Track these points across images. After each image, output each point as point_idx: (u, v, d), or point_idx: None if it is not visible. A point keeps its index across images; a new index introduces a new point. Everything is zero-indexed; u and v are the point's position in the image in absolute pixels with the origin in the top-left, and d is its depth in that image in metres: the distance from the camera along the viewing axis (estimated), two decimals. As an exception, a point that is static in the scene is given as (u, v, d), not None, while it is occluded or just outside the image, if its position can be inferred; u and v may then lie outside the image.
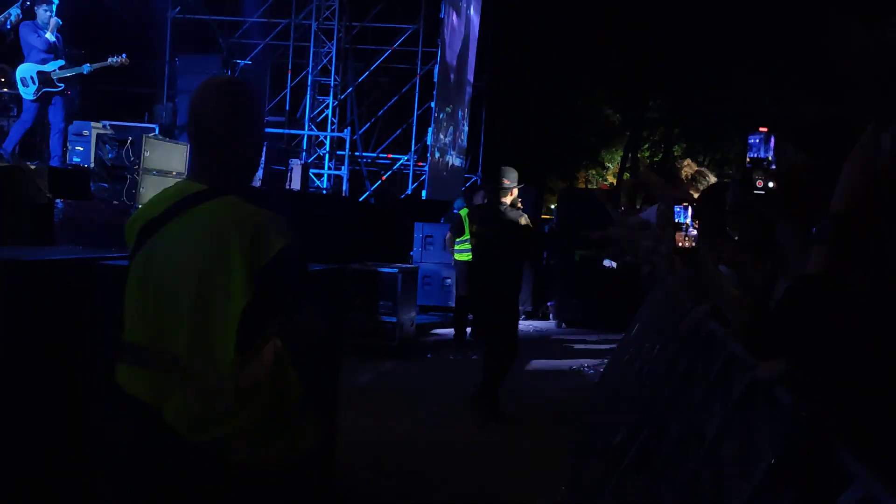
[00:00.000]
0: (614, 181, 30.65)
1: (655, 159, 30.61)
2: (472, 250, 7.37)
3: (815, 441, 1.46)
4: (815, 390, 1.51)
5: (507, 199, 6.89)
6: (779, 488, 1.58)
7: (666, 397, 4.29)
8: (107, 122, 11.23)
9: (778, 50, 22.08)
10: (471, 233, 7.57)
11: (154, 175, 8.06)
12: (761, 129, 1.78)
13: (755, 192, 1.70)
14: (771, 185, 1.71)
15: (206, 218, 2.22)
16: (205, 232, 2.20)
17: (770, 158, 1.73)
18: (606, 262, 7.95)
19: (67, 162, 9.56)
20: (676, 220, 3.35)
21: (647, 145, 31.42)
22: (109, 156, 7.57)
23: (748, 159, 1.77)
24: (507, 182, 6.91)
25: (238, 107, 2.29)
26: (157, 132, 11.86)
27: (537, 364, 9.39)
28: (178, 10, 16.42)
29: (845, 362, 1.33)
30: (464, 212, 11.10)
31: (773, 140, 1.76)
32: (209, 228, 2.20)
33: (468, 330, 10.48)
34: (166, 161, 8.44)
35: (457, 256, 10.90)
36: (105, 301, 3.76)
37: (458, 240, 10.79)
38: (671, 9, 23.97)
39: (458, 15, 17.69)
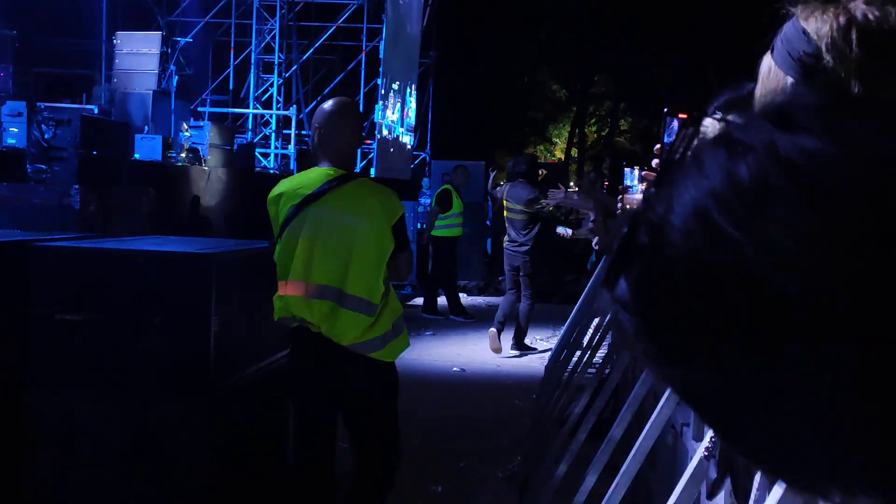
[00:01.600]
0: (562, 156, 30.80)
1: (602, 133, 30.83)
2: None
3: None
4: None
5: None
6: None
7: (620, 364, 4.30)
8: (42, 104, 10.86)
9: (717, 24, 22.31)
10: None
11: (94, 156, 7.82)
12: (680, 115, 1.76)
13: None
14: None
15: (354, 193, 3.35)
16: (355, 202, 3.32)
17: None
18: (560, 230, 7.99)
19: (1, 144, 9.23)
20: (625, 184, 3.50)
21: (593, 120, 31.62)
22: (46, 136, 7.31)
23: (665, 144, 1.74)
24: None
25: (355, 122, 3.53)
26: (95, 113, 11.53)
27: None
28: (113, -14, 15.91)
29: None
30: (448, 187, 11.06)
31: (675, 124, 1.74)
32: (358, 200, 3.32)
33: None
34: (104, 142, 8.20)
35: (438, 233, 10.87)
36: (40, 283, 3.63)
37: (442, 215, 10.79)
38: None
39: (403, -10, 17.48)
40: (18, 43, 13.07)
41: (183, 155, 10.30)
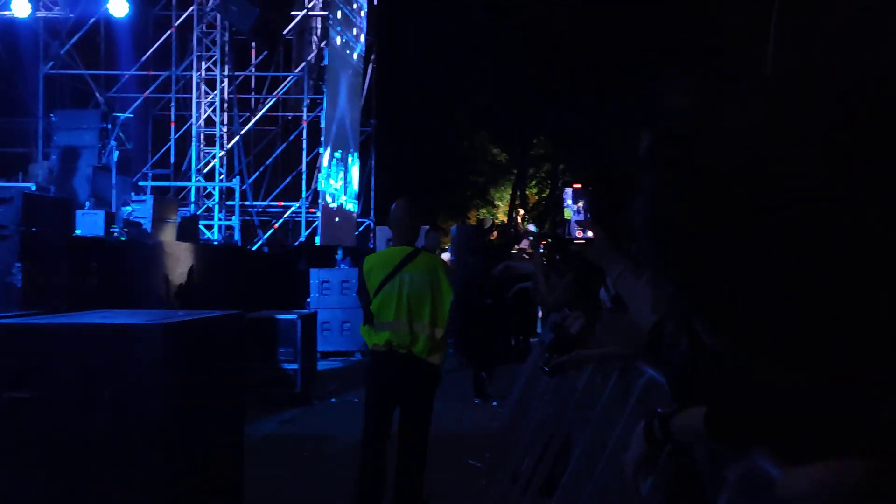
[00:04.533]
0: (505, 218, 31.22)
1: (543, 195, 31.41)
2: None
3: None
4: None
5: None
6: (678, 475, 1.66)
7: (570, 416, 4.39)
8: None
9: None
10: None
11: (35, 232, 7.74)
12: (574, 184, 1.92)
13: (575, 241, 1.83)
14: (590, 234, 1.84)
15: (425, 262, 5.05)
16: (427, 269, 5.01)
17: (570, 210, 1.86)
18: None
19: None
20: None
21: (534, 182, 32.22)
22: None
23: (564, 210, 1.89)
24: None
25: (419, 212, 5.39)
26: (33, 190, 11.42)
27: (445, 398, 9.39)
28: (50, 65, 15.93)
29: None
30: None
31: (569, 193, 1.89)
32: (428, 267, 5.03)
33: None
34: (45, 219, 8.12)
35: None
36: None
37: None
38: (544, 52, 24.83)
39: (343, 61, 17.83)
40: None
41: (126, 229, 10.25)
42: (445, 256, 14.65)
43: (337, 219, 17.64)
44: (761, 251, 0.80)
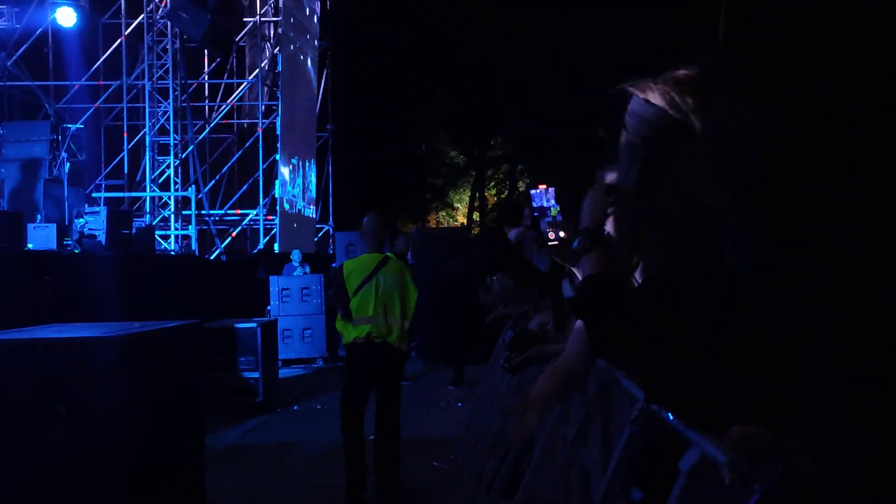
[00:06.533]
0: (464, 220, 31.30)
1: (502, 196, 31.54)
2: None
3: (657, 419, 1.59)
4: (647, 376, 1.65)
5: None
6: (634, 466, 1.70)
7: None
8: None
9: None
10: None
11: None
12: (540, 185, 1.96)
13: (548, 242, 1.86)
14: (562, 234, 1.87)
15: (395, 267, 5.96)
16: (396, 272, 5.94)
17: (555, 208, 1.90)
18: None
19: None
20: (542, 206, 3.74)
21: (493, 183, 32.34)
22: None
23: (535, 209, 1.93)
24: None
25: (385, 224, 6.18)
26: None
27: (409, 401, 9.40)
28: (-2, 77, 15.63)
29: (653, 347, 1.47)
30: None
31: (552, 192, 1.93)
32: (397, 271, 5.95)
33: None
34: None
35: None
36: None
37: None
38: (503, 54, 24.96)
39: (297, 67, 17.74)
40: None
41: (80, 242, 10.09)
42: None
43: (295, 225, 17.54)
44: None
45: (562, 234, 1.87)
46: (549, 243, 1.88)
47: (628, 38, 22.07)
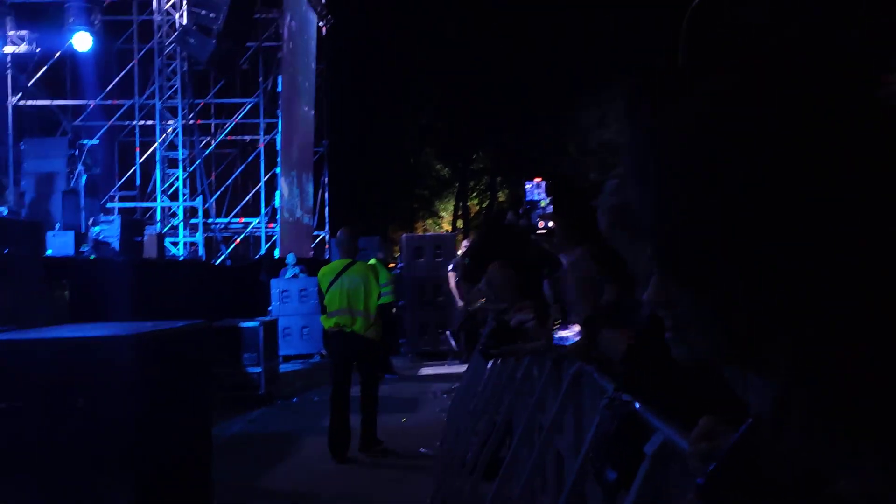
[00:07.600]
0: (449, 228, 31.31)
1: (483, 206, 31.59)
2: None
3: (625, 408, 1.60)
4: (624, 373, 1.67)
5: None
6: (602, 451, 1.71)
7: (508, 405, 4.43)
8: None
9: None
10: None
11: (6, 253, 7.53)
12: (536, 178, 1.97)
13: (538, 231, 1.87)
14: (551, 224, 1.88)
15: (358, 269, 6.63)
16: (360, 273, 6.60)
17: (545, 200, 1.91)
18: None
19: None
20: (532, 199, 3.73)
21: (475, 194, 32.37)
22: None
23: (526, 202, 1.94)
24: None
25: (356, 236, 6.88)
26: (4, 215, 11.11)
27: (397, 394, 9.40)
28: (18, 96, 15.51)
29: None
30: (374, 260, 11.07)
31: (544, 186, 1.94)
32: (361, 272, 6.62)
33: None
34: (16, 240, 7.91)
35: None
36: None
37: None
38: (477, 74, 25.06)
39: (296, 88, 17.71)
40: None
41: (95, 248, 10.02)
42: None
43: (294, 231, 17.51)
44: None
45: (550, 224, 1.88)
46: (538, 232, 1.88)
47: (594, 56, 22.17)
